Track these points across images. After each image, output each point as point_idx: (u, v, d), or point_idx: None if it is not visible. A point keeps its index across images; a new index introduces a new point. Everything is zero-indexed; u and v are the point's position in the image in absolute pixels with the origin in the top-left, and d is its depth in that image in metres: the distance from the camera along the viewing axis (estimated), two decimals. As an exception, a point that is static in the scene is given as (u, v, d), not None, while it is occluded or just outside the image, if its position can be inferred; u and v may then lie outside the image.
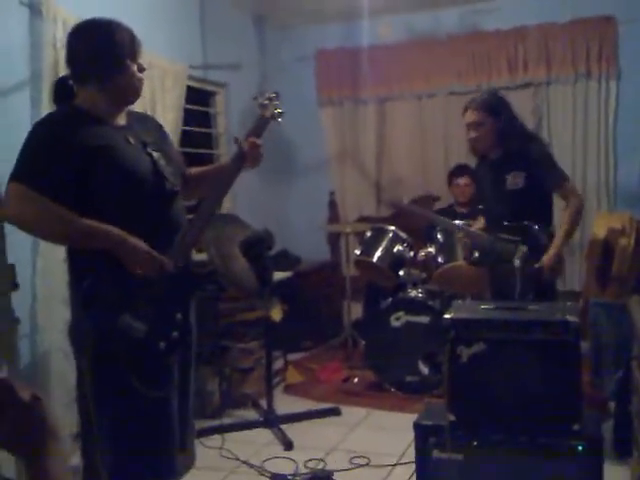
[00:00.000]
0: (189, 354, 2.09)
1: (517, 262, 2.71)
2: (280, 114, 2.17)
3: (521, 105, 4.71)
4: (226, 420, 3.59)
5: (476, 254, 3.13)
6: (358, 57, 5.09)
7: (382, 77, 5.05)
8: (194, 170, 2.25)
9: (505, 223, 2.95)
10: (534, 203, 2.95)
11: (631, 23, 4.44)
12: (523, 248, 2.78)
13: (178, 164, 2.12)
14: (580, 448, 2.07)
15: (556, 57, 4.66)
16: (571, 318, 2.06)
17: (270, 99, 2.15)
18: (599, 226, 3.72)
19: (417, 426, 2.25)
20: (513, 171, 2.95)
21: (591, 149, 4.64)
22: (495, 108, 3.01)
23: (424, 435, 2.22)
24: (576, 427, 2.08)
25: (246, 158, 2.08)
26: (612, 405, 3.18)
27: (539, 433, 2.10)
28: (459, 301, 2.39)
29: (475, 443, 2.16)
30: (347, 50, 5.17)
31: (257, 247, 2.30)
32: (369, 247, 3.98)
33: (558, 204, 3.12)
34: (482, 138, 3.01)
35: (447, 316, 2.18)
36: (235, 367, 3.87)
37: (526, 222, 2.91)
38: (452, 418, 2.16)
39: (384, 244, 3.92)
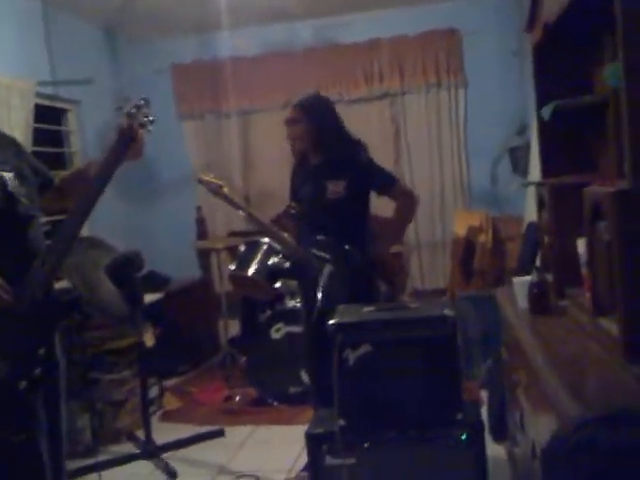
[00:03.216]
0: (57, 390, 1.91)
1: (321, 282, 2.66)
2: (151, 122, 2.01)
3: (380, 115, 4.94)
4: (101, 457, 3.34)
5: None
6: (216, 70, 5.03)
7: (243, 89, 5.03)
8: (64, 175, 2.05)
9: (318, 237, 2.81)
10: (353, 213, 2.82)
11: (474, 34, 4.77)
12: (329, 267, 2.71)
13: (37, 184, 1.92)
14: (464, 437, 2.14)
15: (408, 68, 4.89)
16: (447, 312, 2.13)
17: (138, 107, 1.99)
18: (459, 225, 3.93)
19: (308, 436, 2.22)
20: (334, 179, 2.78)
21: (446, 153, 4.91)
22: (311, 107, 2.89)
23: (316, 443, 2.19)
24: (459, 416, 2.15)
25: (133, 142, 1.85)
26: (483, 393, 3.35)
27: (426, 426, 2.15)
28: (341, 306, 2.39)
29: (366, 445, 2.17)
30: (204, 63, 5.09)
31: (124, 270, 2.16)
32: (244, 261, 3.88)
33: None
34: (298, 137, 2.87)
35: (332, 322, 2.17)
36: (107, 400, 3.61)
37: (338, 240, 2.78)
38: (342, 423, 2.15)
39: (259, 257, 3.85)
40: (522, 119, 4.70)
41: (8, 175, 1.80)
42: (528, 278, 2.18)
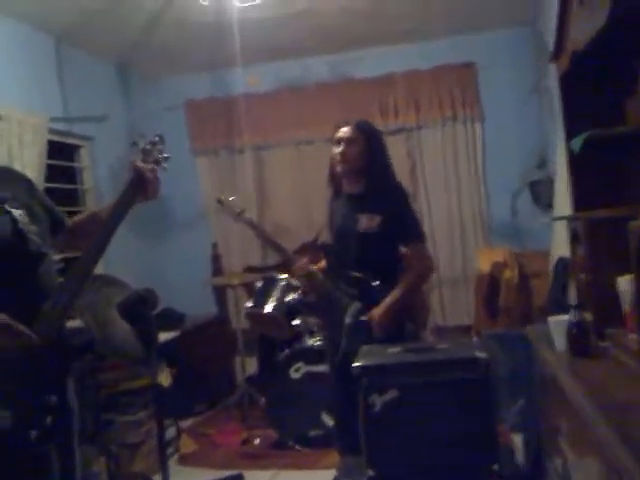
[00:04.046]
0: (70, 437, 1.81)
1: (347, 320, 2.53)
2: (166, 159, 1.97)
3: (395, 150, 4.84)
4: (116, 504, 3.22)
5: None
6: (230, 106, 5.02)
7: (256, 125, 5.01)
8: (77, 218, 2.00)
9: (349, 272, 2.68)
10: (384, 250, 2.69)
11: (490, 68, 4.74)
12: (356, 305, 2.59)
13: (49, 221, 1.87)
14: (501, 488, 2.02)
15: (424, 102, 4.85)
16: (479, 354, 2.02)
17: (153, 143, 1.95)
18: (483, 261, 3.83)
19: (335, 487, 2.10)
20: (369, 212, 2.67)
21: (464, 188, 4.83)
22: (370, 131, 2.79)
23: (344, 496, 2.07)
24: (495, 467, 2.03)
25: (145, 184, 1.83)
26: (514, 437, 3.20)
27: (460, 478, 2.02)
28: (365, 346, 2.29)
29: (397, 496, 2.05)
30: (218, 99, 5.09)
31: (138, 308, 2.08)
32: (261, 298, 3.82)
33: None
34: (350, 157, 2.70)
35: (356, 364, 2.07)
36: (122, 443, 3.50)
37: (366, 277, 2.65)
38: (371, 473, 2.04)
39: (277, 294, 3.77)
40: (542, 152, 4.63)
41: (18, 212, 1.75)
42: (565, 317, 2.07)
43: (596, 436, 1.45)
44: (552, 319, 2.16)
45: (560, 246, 3.09)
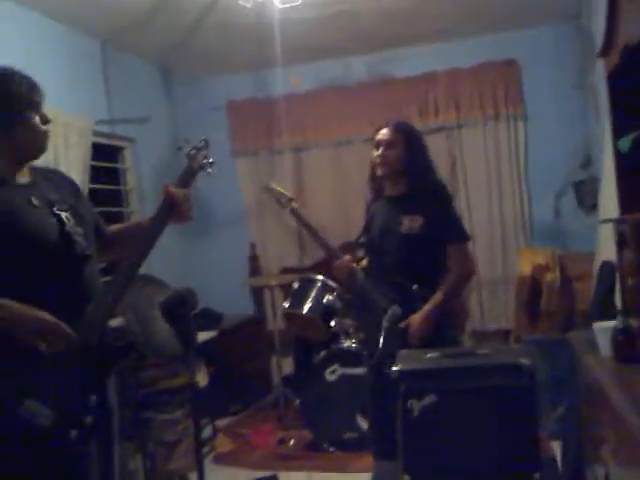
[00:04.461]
0: (110, 437, 1.83)
1: (385, 324, 2.44)
2: (211, 164, 1.99)
3: (435, 149, 4.74)
4: (153, 502, 3.25)
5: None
6: (270, 107, 5.03)
7: (296, 126, 5.01)
8: (113, 228, 2.04)
9: (389, 275, 2.61)
10: (427, 253, 2.61)
11: (532, 66, 4.64)
12: (395, 309, 2.50)
13: (93, 223, 1.90)
14: (543, 498, 1.96)
15: (465, 101, 4.77)
16: (523, 361, 1.96)
17: (198, 148, 1.97)
18: (524, 263, 3.74)
19: (371, 492, 2.07)
20: (411, 214, 2.61)
21: (505, 188, 4.73)
22: (411, 134, 2.73)
23: (379, 501, 2.04)
24: (537, 476, 1.96)
25: (176, 208, 1.88)
26: (554, 444, 3.12)
27: (500, 486, 1.97)
28: (404, 350, 2.25)
29: (434, 504, 2.00)
30: (259, 100, 5.10)
31: (179, 308, 2.09)
32: (298, 299, 3.81)
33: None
34: (390, 159, 2.65)
35: (395, 368, 2.04)
36: (159, 441, 3.53)
37: (406, 281, 2.58)
38: (407, 479, 2.00)
39: (313, 295, 3.76)
40: (586, 151, 4.51)
41: (65, 215, 1.79)
42: (610, 323, 2.01)
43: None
44: (597, 325, 2.09)
45: (606, 249, 3.00)
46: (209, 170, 1.99)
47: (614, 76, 2.20)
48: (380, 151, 2.68)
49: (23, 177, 1.78)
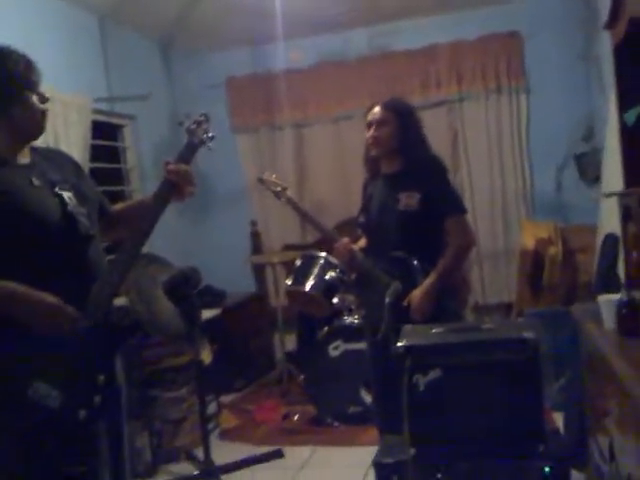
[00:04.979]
0: (120, 416, 1.85)
1: (387, 299, 2.46)
2: (211, 138, 1.97)
3: (436, 123, 4.76)
4: (161, 478, 3.29)
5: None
6: (270, 82, 4.99)
7: (297, 101, 4.96)
8: (116, 207, 2.04)
9: (389, 251, 2.62)
10: (426, 228, 2.62)
11: (535, 37, 4.58)
12: (396, 284, 2.52)
13: (96, 202, 1.90)
14: (547, 469, 1.98)
15: (466, 74, 4.73)
16: (528, 334, 1.97)
17: (198, 123, 1.95)
18: (527, 237, 3.73)
19: (377, 465, 2.09)
20: (408, 190, 2.61)
21: (507, 161, 4.71)
22: (402, 111, 2.70)
23: (386, 473, 2.07)
24: (541, 448, 1.98)
25: (176, 187, 1.87)
26: (556, 415, 3.15)
27: (505, 458, 1.99)
28: (408, 326, 2.26)
29: (439, 476, 2.03)
30: (258, 75, 5.06)
31: (183, 287, 2.10)
32: (300, 276, 3.80)
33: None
34: (382, 139, 2.66)
35: (400, 344, 2.04)
36: (166, 418, 3.56)
37: (406, 255, 2.59)
38: (413, 452, 2.02)
39: (316, 272, 3.75)
40: (589, 124, 4.48)
41: (68, 194, 1.78)
42: (615, 296, 2.01)
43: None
44: (602, 298, 2.09)
45: (609, 221, 2.99)
46: (209, 145, 1.98)
47: (620, 48, 2.17)
48: (372, 131, 2.68)
49: (24, 157, 1.77)
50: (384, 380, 2.54)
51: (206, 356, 3.52)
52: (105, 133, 4.39)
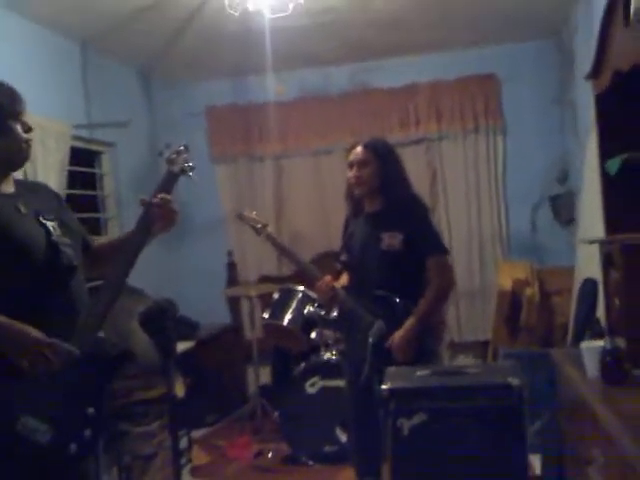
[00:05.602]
0: (97, 447, 1.80)
1: (371, 339, 2.48)
2: (191, 168, 1.96)
3: (415, 160, 4.83)
4: (129, 517, 3.18)
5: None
6: (251, 113, 5.00)
7: (277, 134, 4.97)
8: (99, 243, 2.02)
9: (372, 290, 2.63)
10: (408, 268, 2.64)
11: (512, 80, 4.70)
12: (380, 324, 2.55)
13: (79, 236, 1.88)
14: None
15: (445, 113, 4.81)
16: (513, 381, 1.97)
17: (178, 152, 1.94)
18: (504, 277, 3.77)
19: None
20: (390, 230, 2.63)
21: (484, 200, 4.78)
22: (383, 151, 2.74)
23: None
24: (524, 495, 1.97)
25: (154, 219, 1.84)
26: (532, 457, 3.13)
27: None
28: (392, 368, 2.24)
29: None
30: (239, 106, 5.06)
31: (158, 319, 2.06)
32: (278, 310, 3.78)
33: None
34: (364, 179, 2.68)
35: (385, 387, 2.03)
36: (136, 454, 3.46)
37: (388, 294, 2.60)
38: (396, 498, 1.99)
39: (294, 305, 3.73)
40: (563, 166, 4.58)
41: (52, 224, 1.78)
42: (598, 344, 2.02)
43: (634, 468, 1.39)
44: (584, 345, 2.10)
45: (587, 266, 3.04)
46: (190, 174, 1.96)
47: (604, 97, 2.23)
48: (354, 171, 2.71)
49: (8, 187, 1.77)
50: (366, 424, 2.51)
51: (179, 389, 3.45)
52: (82, 159, 4.33)
